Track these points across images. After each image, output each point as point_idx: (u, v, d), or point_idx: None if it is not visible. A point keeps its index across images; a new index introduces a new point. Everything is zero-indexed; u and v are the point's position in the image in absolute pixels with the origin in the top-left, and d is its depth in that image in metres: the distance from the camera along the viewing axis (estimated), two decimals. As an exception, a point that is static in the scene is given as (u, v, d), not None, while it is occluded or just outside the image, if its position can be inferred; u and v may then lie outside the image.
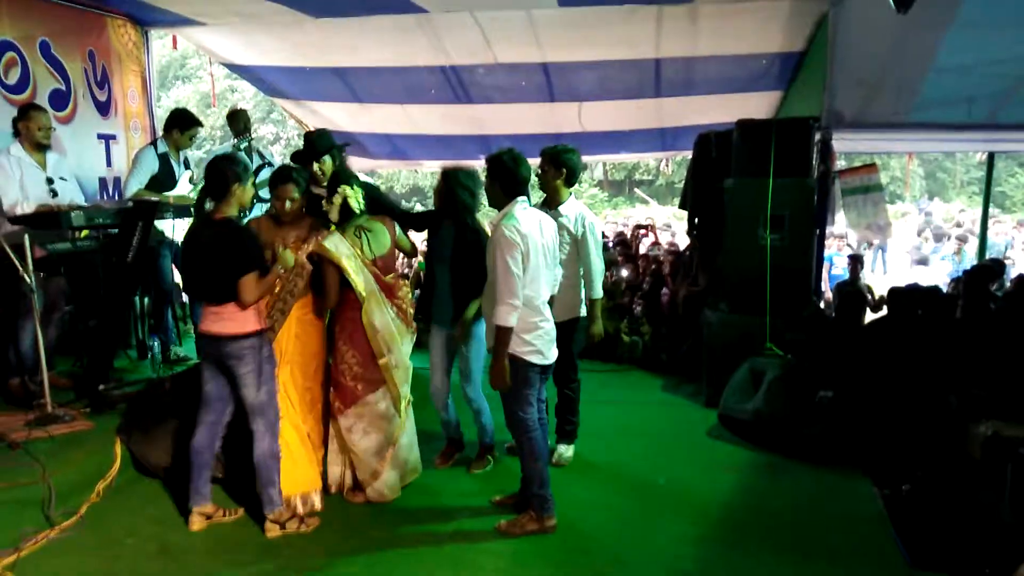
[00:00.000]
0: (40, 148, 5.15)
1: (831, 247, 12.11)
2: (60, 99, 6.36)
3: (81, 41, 6.59)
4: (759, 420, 4.92)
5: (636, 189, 29.38)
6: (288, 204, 3.92)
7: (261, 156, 6.41)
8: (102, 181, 6.80)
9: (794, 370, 5.10)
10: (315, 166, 4.29)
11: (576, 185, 4.70)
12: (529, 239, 3.51)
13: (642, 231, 10.39)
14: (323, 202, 3.97)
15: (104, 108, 6.89)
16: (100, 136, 6.84)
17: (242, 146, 6.20)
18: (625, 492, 4.29)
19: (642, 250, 9.31)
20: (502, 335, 3.49)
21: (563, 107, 9.05)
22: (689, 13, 6.68)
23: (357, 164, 11.60)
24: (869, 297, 7.50)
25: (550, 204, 4.48)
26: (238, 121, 6.47)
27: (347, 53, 7.86)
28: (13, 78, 5.90)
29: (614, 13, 6.65)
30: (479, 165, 4.39)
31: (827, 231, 7.17)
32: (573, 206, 4.49)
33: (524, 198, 3.67)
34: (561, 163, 4.40)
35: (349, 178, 4.02)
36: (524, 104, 9.00)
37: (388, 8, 6.55)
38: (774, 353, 5.53)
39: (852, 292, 6.11)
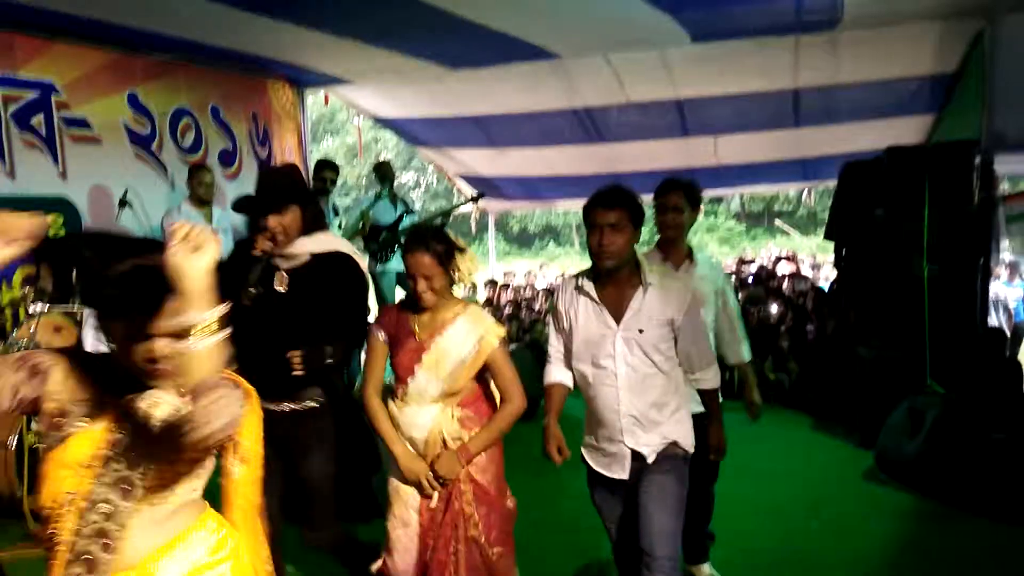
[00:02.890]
0: (204, 203, 5.77)
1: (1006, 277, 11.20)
2: (227, 157, 6.99)
3: (246, 104, 7.24)
4: (920, 463, 4.60)
5: (776, 220, 28.42)
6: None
7: (404, 204, 6.76)
8: (263, 231, 7.35)
9: (959, 410, 4.74)
10: (272, 221, 2.71)
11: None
12: None
13: (783, 262, 10.05)
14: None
15: (265, 164, 7.49)
16: (261, 190, 7.42)
17: (385, 193, 6.58)
18: (777, 535, 4.11)
19: (784, 284, 8.99)
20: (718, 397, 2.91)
21: (698, 141, 8.96)
22: (829, 41, 6.48)
23: (494, 206, 11.94)
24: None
25: (675, 257, 3.37)
26: (383, 171, 6.86)
27: (483, 101, 8.16)
28: (188, 141, 6.56)
29: (749, 45, 6.56)
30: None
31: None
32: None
33: None
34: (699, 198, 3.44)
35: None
36: (657, 140, 8.99)
37: (522, 56, 6.76)
38: (935, 391, 5.18)
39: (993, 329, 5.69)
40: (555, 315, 2.82)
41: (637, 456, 2.65)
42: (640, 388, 2.62)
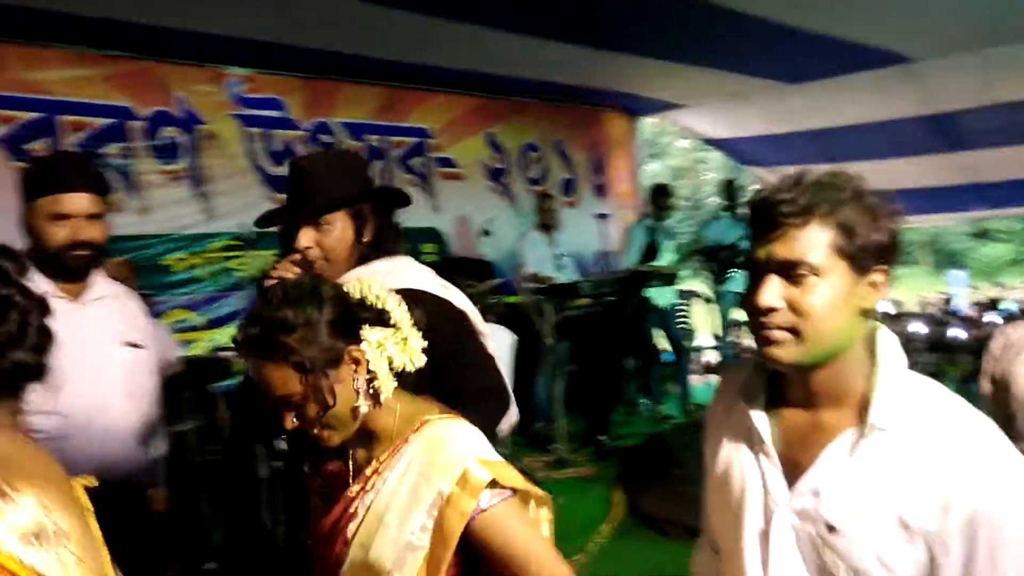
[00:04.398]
0: (548, 228, 6.21)
1: None
2: (568, 186, 7.51)
3: (585, 135, 7.73)
4: None
5: None
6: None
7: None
8: (597, 255, 7.74)
9: None
10: (304, 237, 1.80)
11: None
12: None
13: None
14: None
15: (600, 191, 7.90)
16: (597, 215, 7.81)
17: (727, 211, 6.57)
18: None
19: None
20: None
21: (1092, 142, 7.61)
22: None
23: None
24: None
25: None
26: (729, 189, 6.84)
27: (823, 114, 7.75)
28: (534, 172, 7.17)
29: None
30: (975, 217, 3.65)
31: None
32: None
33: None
34: None
35: None
36: (1034, 145, 7.81)
37: (868, 64, 6.32)
38: None
39: None
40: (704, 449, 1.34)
41: None
42: None
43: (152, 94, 4.99)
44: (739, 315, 6.86)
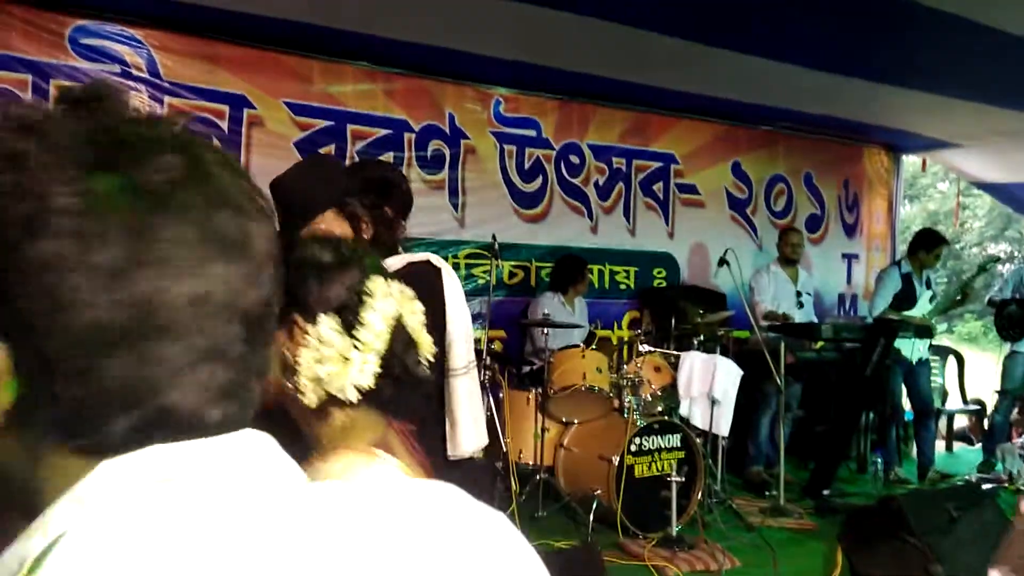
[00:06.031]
0: (790, 264, 5.93)
1: None
2: (814, 222, 7.15)
3: (839, 170, 7.32)
4: None
5: None
6: None
7: None
8: (840, 297, 7.29)
9: None
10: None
11: None
12: None
13: None
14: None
15: (851, 230, 7.43)
16: (844, 255, 7.38)
17: None
18: None
19: None
20: None
21: None
22: None
23: None
24: None
25: None
26: None
27: None
28: (779, 205, 6.92)
29: None
30: None
31: None
32: None
33: None
34: None
35: None
36: None
37: None
38: None
39: None
40: None
41: None
42: None
43: (425, 109, 5.42)
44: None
